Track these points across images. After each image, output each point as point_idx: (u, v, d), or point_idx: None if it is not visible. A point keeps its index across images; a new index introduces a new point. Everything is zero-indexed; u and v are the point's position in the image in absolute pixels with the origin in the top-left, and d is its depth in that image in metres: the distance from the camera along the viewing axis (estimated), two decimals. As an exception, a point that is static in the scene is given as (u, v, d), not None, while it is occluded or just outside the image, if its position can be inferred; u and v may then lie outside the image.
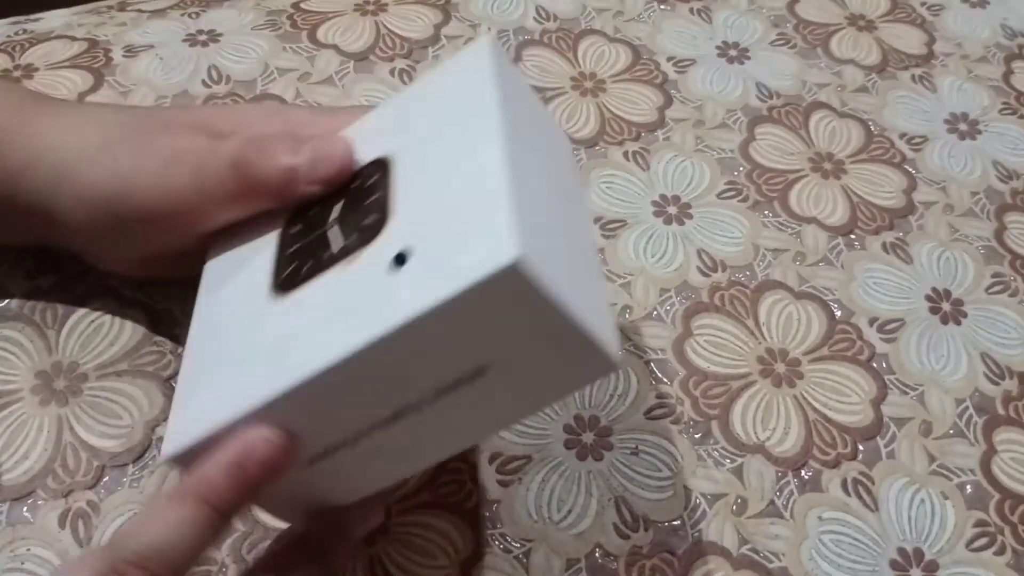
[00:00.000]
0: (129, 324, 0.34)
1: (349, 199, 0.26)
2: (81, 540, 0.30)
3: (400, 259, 0.23)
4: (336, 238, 0.25)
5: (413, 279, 0.22)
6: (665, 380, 0.36)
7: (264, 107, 0.31)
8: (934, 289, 0.41)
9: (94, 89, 0.41)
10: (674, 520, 0.33)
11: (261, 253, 0.27)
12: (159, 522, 0.22)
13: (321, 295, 0.24)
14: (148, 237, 0.29)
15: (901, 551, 0.33)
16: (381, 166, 0.27)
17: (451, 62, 0.28)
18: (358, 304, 0.23)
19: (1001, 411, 0.37)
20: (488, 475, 0.33)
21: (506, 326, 0.22)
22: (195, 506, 0.22)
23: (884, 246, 0.42)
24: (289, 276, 0.26)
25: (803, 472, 0.34)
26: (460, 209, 0.23)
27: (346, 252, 0.25)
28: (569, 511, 0.32)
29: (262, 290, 0.26)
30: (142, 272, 0.33)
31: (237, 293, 0.27)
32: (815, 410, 0.36)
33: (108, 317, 0.34)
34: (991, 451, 0.36)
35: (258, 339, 0.25)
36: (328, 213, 0.26)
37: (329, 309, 0.23)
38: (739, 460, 0.34)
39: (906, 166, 0.46)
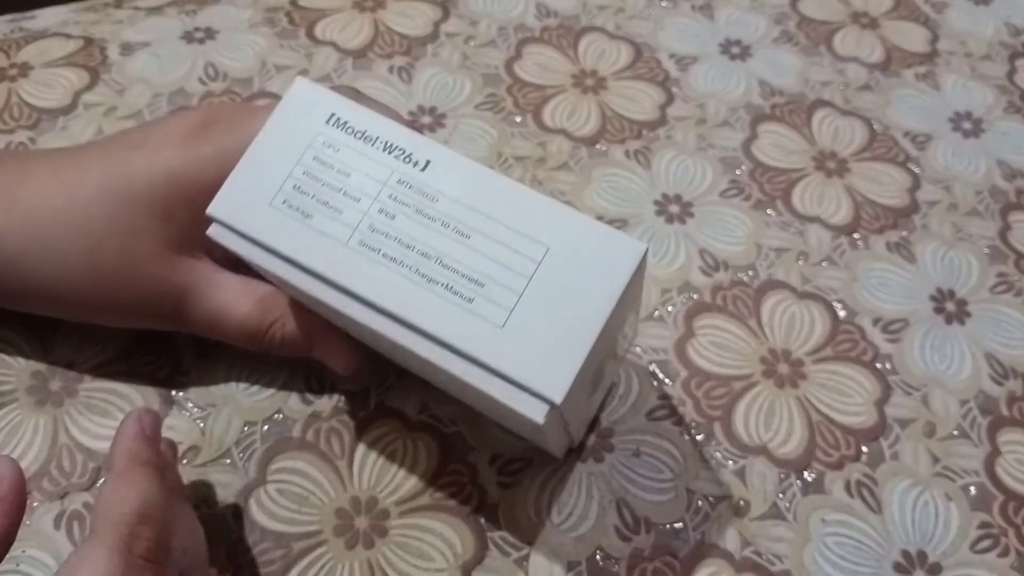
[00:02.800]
0: (125, 324, 0.34)
1: None
2: (76, 542, 0.29)
3: None
4: None
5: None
6: (667, 381, 0.36)
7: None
8: (938, 289, 0.40)
9: (90, 87, 0.41)
10: (676, 522, 0.32)
11: None
12: (132, 487, 0.24)
13: None
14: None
15: (905, 553, 0.33)
16: None
17: None
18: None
19: (1005, 412, 0.37)
20: (488, 477, 0.32)
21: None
22: (150, 471, 0.25)
23: (888, 245, 0.42)
24: None
25: (806, 474, 0.34)
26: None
27: None
28: (570, 513, 0.32)
29: None
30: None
31: None
32: (818, 411, 0.36)
33: (104, 317, 0.34)
34: (995, 452, 0.36)
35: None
36: None
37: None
38: (742, 462, 0.34)
39: (910, 165, 0.45)
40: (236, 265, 0.30)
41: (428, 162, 0.25)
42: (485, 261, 0.24)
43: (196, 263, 0.29)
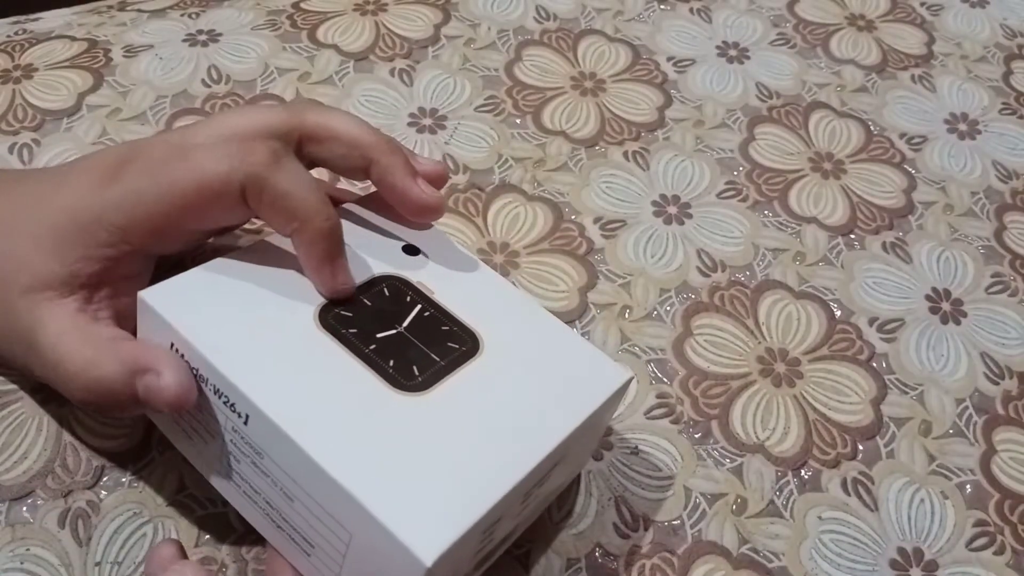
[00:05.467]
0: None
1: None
2: (80, 540, 0.30)
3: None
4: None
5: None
6: (665, 380, 0.36)
7: None
8: (934, 289, 0.41)
9: (94, 89, 0.41)
10: (674, 520, 0.33)
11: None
12: None
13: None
14: None
15: (901, 551, 0.33)
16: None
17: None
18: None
19: (1001, 411, 0.37)
20: (488, 475, 0.33)
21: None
22: None
23: (884, 246, 0.42)
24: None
25: (803, 472, 0.34)
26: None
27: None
28: (569, 511, 0.32)
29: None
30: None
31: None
32: (815, 410, 0.36)
33: (108, 317, 0.34)
34: (991, 451, 0.36)
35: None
36: (390, 323, 0.27)
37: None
38: (739, 460, 0.34)
39: (906, 166, 0.46)
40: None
41: (248, 416, 0.24)
42: (309, 528, 0.24)
43: (60, 307, 0.27)
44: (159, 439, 0.32)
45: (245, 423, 0.24)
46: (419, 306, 0.28)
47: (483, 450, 0.24)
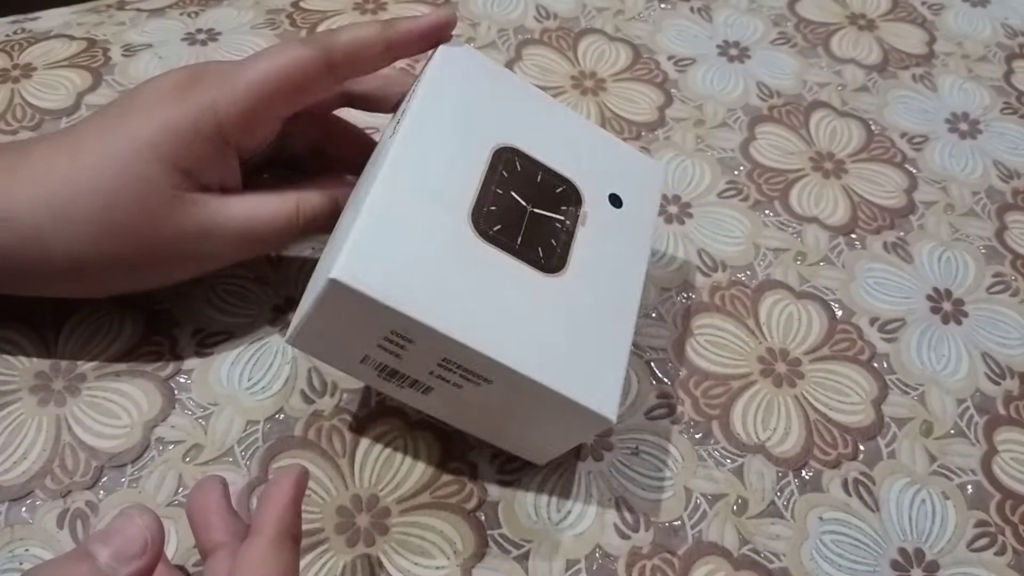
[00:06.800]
0: (128, 324, 0.34)
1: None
2: (79, 540, 0.30)
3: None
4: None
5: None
6: (665, 380, 0.36)
7: None
8: (935, 289, 0.41)
9: (92, 88, 0.41)
10: (674, 520, 0.32)
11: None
12: (279, 561, 0.25)
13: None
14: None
15: (902, 551, 0.33)
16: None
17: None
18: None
19: (1002, 411, 0.37)
20: (488, 475, 0.32)
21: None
22: (292, 545, 0.26)
23: (885, 246, 0.42)
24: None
25: (804, 472, 0.34)
26: None
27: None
28: (569, 511, 0.32)
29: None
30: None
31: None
32: (816, 410, 0.36)
33: (107, 317, 0.34)
34: (992, 451, 0.36)
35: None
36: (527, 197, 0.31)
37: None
38: (740, 460, 0.34)
39: (907, 165, 0.46)
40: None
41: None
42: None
43: (210, 197, 0.30)
44: (158, 439, 0.32)
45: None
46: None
47: (488, 291, 0.28)
